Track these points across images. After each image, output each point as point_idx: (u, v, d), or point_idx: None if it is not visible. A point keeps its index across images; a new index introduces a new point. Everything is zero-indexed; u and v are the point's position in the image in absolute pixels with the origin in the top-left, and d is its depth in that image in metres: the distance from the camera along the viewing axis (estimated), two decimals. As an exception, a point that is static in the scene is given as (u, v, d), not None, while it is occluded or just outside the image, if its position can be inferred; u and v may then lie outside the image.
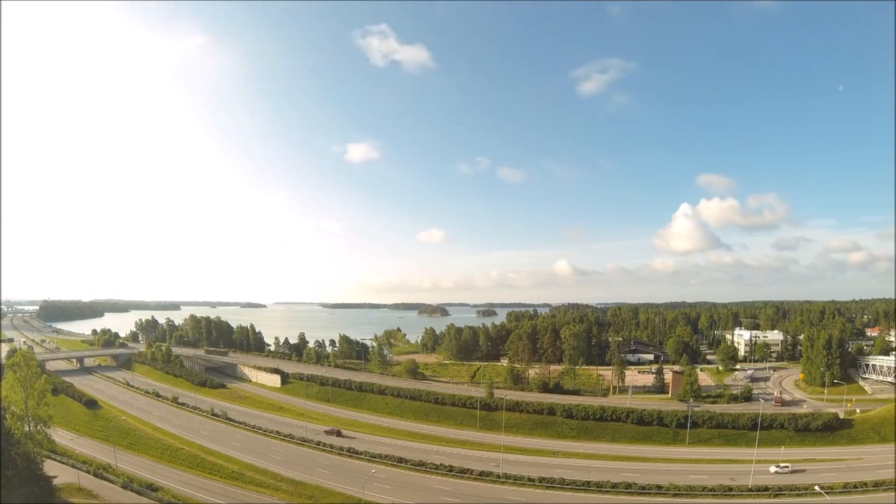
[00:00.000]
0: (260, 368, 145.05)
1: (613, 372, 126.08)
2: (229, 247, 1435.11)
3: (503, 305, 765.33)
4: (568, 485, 66.03)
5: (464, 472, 70.52)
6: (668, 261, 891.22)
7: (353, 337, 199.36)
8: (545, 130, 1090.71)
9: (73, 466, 69.02)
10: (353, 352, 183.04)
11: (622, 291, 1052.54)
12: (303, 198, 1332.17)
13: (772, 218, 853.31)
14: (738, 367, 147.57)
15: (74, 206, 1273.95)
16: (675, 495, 62.12)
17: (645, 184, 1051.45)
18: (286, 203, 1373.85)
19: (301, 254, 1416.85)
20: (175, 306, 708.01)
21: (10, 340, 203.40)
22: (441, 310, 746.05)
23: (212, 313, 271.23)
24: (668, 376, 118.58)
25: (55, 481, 60.68)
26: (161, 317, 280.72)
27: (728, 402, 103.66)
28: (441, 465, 73.38)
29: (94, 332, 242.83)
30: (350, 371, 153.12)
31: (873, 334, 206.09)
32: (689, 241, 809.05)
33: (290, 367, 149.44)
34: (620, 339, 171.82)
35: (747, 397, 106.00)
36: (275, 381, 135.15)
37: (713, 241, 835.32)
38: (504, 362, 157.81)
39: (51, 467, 63.70)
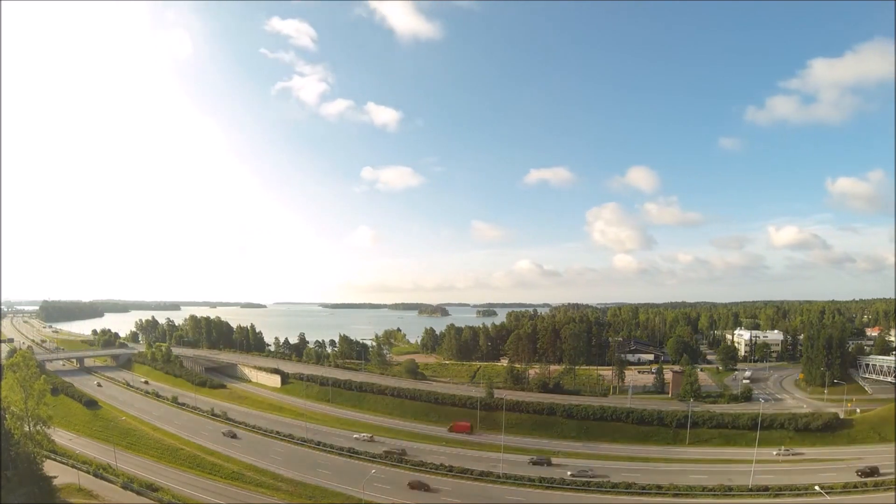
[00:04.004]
0: (260, 368, 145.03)
1: (613, 372, 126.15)
2: (229, 247, 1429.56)
3: (503, 305, 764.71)
4: (568, 485, 66.17)
5: (464, 472, 70.58)
6: (622, 259, 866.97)
7: (353, 337, 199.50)
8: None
9: (73, 466, 69.08)
10: (353, 352, 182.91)
11: (615, 292, 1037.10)
12: (301, 196, 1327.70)
13: (692, 217, 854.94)
14: (738, 366, 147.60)
15: (74, 206, 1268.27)
16: (675, 495, 62.17)
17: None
18: (286, 203, 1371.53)
19: (301, 254, 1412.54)
20: (175, 306, 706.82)
21: (11, 340, 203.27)
22: (441, 310, 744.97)
23: (212, 313, 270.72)
24: (668, 376, 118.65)
25: (55, 481, 60.79)
26: (161, 317, 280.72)
27: (728, 402, 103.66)
28: (441, 465, 73.49)
29: (94, 332, 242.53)
30: (350, 371, 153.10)
31: (873, 334, 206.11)
32: (616, 241, 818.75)
33: (290, 368, 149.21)
34: (620, 339, 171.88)
35: (747, 397, 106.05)
36: (275, 381, 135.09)
37: (647, 240, 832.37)
38: (504, 362, 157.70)
39: (51, 467, 63.80)
